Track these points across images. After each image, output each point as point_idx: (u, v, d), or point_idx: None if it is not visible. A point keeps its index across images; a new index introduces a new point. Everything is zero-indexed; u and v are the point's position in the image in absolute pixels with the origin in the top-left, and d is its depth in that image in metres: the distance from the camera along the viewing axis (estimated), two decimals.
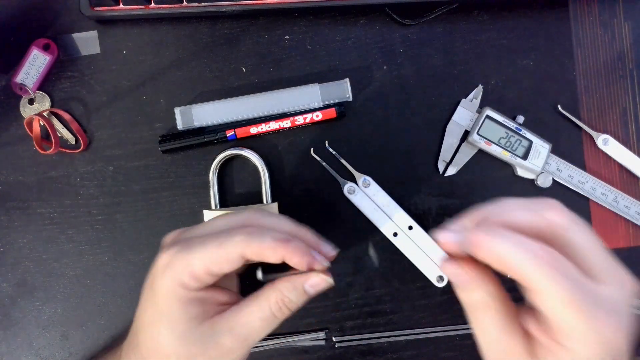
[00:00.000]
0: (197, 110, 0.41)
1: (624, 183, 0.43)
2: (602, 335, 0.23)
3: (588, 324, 0.23)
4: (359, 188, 0.42)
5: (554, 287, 0.23)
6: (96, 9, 0.40)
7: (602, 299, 0.24)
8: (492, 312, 0.27)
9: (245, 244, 0.29)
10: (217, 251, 0.29)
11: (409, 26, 0.43)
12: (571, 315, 0.23)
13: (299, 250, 0.30)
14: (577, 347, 0.24)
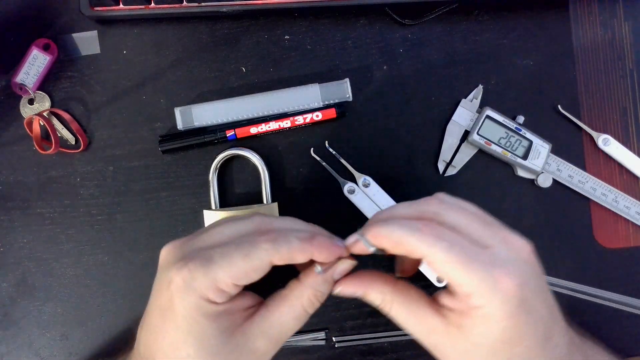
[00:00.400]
0: (197, 110, 0.41)
1: (624, 183, 0.43)
2: (501, 288, 0.26)
3: (485, 281, 0.26)
4: (359, 188, 0.42)
5: (442, 253, 0.26)
6: (96, 9, 0.40)
7: (492, 259, 0.27)
8: (396, 304, 0.30)
9: (274, 250, 0.28)
10: (244, 263, 0.28)
11: (409, 26, 0.43)
12: (466, 276, 0.26)
13: (325, 244, 0.30)
14: (483, 304, 0.26)
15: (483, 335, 0.27)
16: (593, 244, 0.43)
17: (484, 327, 0.27)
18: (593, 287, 0.43)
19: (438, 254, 0.26)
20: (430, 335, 0.29)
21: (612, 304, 0.43)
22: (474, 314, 0.27)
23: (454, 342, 0.28)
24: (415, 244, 0.27)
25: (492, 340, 0.27)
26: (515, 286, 0.26)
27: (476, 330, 0.27)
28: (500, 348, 0.27)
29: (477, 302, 0.26)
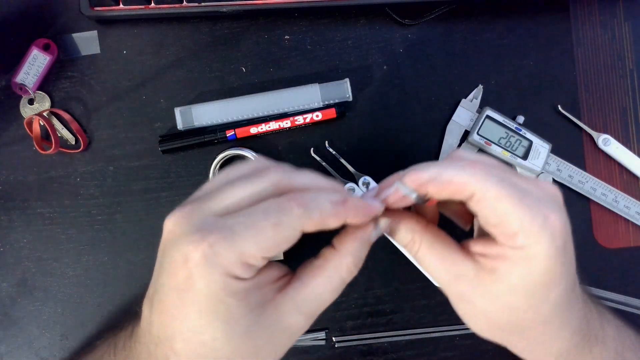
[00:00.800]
0: (197, 110, 0.41)
1: (624, 183, 0.43)
2: (549, 227, 0.25)
3: (535, 219, 0.25)
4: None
5: (494, 188, 0.25)
6: (96, 9, 0.40)
7: (540, 196, 0.26)
8: (425, 245, 0.28)
9: (306, 217, 0.25)
10: (274, 233, 0.24)
11: (409, 26, 0.43)
12: (518, 212, 0.25)
13: (358, 207, 0.27)
14: (529, 244, 0.25)
15: (521, 278, 0.25)
16: (593, 244, 0.43)
17: (524, 269, 0.25)
18: (593, 287, 0.43)
19: (490, 190, 0.25)
20: (459, 282, 0.27)
21: (612, 304, 0.43)
22: (514, 255, 0.25)
23: (484, 288, 0.26)
24: (466, 179, 0.25)
25: (531, 283, 0.25)
26: (562, 225, 0.25)
27: (514, 273, 0.25)
28: (539, 290, 0.26)
29: (522, 241, 0.25)
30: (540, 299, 0.26)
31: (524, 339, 0.29)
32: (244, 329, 0.24)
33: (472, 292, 0.27)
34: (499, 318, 0.27)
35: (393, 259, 0.42)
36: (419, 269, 0.42)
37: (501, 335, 0.29)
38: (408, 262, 0.42)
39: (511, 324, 0.27)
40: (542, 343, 0.29)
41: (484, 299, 0.27)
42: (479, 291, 0.26)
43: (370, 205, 0.27)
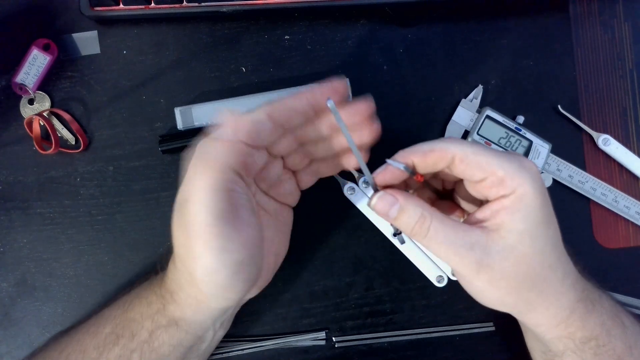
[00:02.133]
0: (197, 110, 0.41)
1: (624, 183, 0.43)
2: (528, 169, 0.29)
3: (513, 163, 0.29)
4: (359, 188, 0.42)
5: (470, 149, 0.29)
6: (96, 9, 0.40)
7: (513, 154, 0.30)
8: (436, 220, 0.30)
9: (269, 104, 0.31)
10: (246, 116, 0.31)
11: (409, 26, 0.43)
12: (497, 160, 0.29)
13: (324, 86, 0.32)
14: (517, 185, 0.28)
15: (522, 221, 0.29)
16: (593, 244, 0.43)
17: (522, 211, 0.28)
18: None
19: (467, 149, 0.29)
20: (474, 250, 0.29)
21: None
22: (509, 203, 0.29)
23: (498, 246, 0.29)
24: (445, 145, 0.30)
25: (530, 223, 0.29)
26: (536, 169, 0.29)
27: (516, 219, 0.28)
28: (539, 229, 0.29)
29: (510, 184, 0.28)
30: (542, 240, 0.29)
31: (540, 295, 0.31)
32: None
33: (488, 255, 0.29)
34: (516, 272, 0.29)
35: (393, 259, 0.42)
36: (419, 269, 0.42)
37: (520, 296, 0.31)
38: (408, 262, 0.42)
39: (527, 276, 0.30)
40: (554, 293, 0.31)
41: (499, 257, 0.29)
42: (494, 250, 0.29)
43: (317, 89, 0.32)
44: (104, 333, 0.34)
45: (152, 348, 0.33)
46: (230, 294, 0.30)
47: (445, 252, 0.30)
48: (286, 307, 0.42)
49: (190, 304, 0.32)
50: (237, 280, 0.29)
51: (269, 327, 0.42)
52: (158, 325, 0.33)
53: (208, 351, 0.38)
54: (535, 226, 0.29)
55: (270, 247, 0.35)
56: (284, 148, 0.34)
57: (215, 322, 0.35)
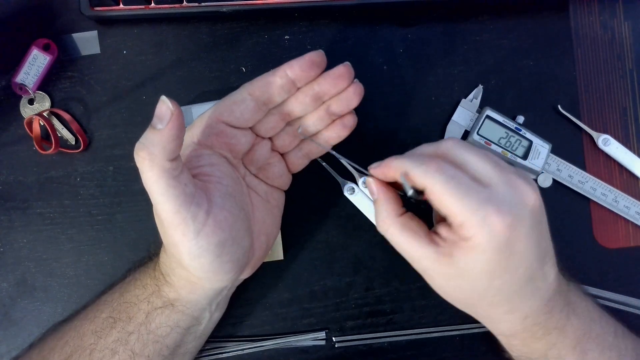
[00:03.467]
0: (197, 110, 0.41)
1: (624, 183, 0.43)
2: (489, 224, 0.28)
3: (475, 215, 0.28)
4: (359, 188, 0.42)
5: (439, 185, 0.29)
6: (96, 9, 0.40)
7: (489, 196, 0.28)
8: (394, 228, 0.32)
9: (249, 84, 0.34)
10: (226, 99, 0.34)
11: (409, 26, 0.43)
12: (460, 207, 0.28)
13: (296, 62, 0.33)
14: (473, 235, 0.28)
15: (468, 265, 0.29)
16: (593, 244, 0.43)
17: (470, 257, 0.29)
18: (593, 287, 0.43)
19: (436, 185, 0.29)
20: (422, 260, 0.31)
21: (612, 304, 0.43)
22: (464, 244, 0.29)
23: (442, 269, 0.31)
24: (418, 174, 0.30)
25: (476, 270, 0.29)
26: (504, 226, 0.28)
27: (463, 260, 0.29)
28: (482, 278, 0.30)
29: (467, 233, 0.28)
30: (484, 286, 0.30)
31: (477, 315, 0.34)
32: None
33: (432, 271, 0.31)
34: (454, 294, 0.32)
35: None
36: None
37: (459, 306, 0.34)
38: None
39: (464, 301, 0.33)
40: (492, 322, 0.34)
41: (441, 278, 0.31)
42: (437, 270, 0.31)
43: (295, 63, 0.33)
44: (101, 318, 0.35)
45: (149, 330, 0.34)
46: (220, 275, 0.32)
47: (400, 252, 0.33)
48: (286, 307, 0.42)
49: (183, 285, 0.33)
50: (223, 262, 0.31)
51: (269, 327, 0.42)
52: (154, 307, 0.34)
53: (206, 333, 0.38)
54: (479, 273, 0.29)
55: (261, 228, 0.36)
56: (270, 128, 0.35)
57: (211, 303, 0.36)
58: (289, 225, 0.42)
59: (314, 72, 0.33)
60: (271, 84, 0.33)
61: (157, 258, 0.36)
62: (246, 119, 0.33)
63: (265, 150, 0.36)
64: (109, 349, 0.34)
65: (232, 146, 0.34)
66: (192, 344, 0.37)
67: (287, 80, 0.33)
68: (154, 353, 0.34)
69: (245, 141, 0.34)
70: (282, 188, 0.39)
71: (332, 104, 0.36)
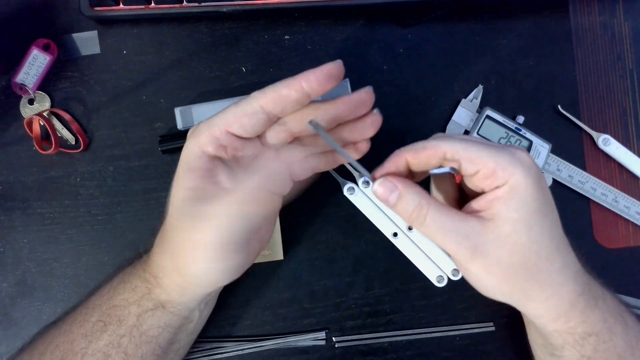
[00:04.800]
0: (197, 110, 0.41)
1: (624, 183, 0.43)
2: (520, 159, 0.29)
3: (504, 155, 0.29)
4: (359, 188, 0.42)
5: (460, 144, 0.30)
6: (96, 9, 0.40)
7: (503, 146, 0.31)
8: (433, 209, 0.30)
9: (261, 93, 0.31)
10: (235, 108, 0.31)
11: (409, 26, 0.43)
12: (488, 153, 0.29)
13: (310, 74, 0.31)
14: (509, 175, 0.29)
15: (516, 211, 0.29)
16: (593, 244, 0.43)
17: (515, 202, 0.29)
18: None
19: (457, 144, 0.30)
20: (470, 237, 0.29)
21: None
22: (502, 193, 0.29)
23: (493, 235, 0.29)
24: (436, 143, 0.30)
25: (524, 213, 0.29)
26: (530, 160, 0.29)
27: (510, 209, 0.29)
28: (534, 219, 0.29)
29: (502, 177, 0.29)
30: (537, 230, 0.29)
31: (536, 285, 0.31)
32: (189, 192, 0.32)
33: (484, 242, 0.29)
34: (511, 261, 0.29)
35: (393, 259, 0.42)
36: (419, 269, 0.42)
37: (516, 285, 0.31)
38: (408, 262, 0.42)
39: (522, 265, 0.30)
40: (552, 286, 0.31)
41: (494, 245, 0.29)
42: (489, 239, 0.29)
43: (310, 75, 0.31)
44: (91, 322, 0.35)
45: (141, 331, 0.34)
46: (217, 281, 0.33)
47: (441, 239, 0.30)
48: (286, 307, 0.42)
49: (174, 289, 0.34)
50: (225, 268, 0.32)
51: (269, 327, 0.42)
52: (145, 309, 0.34)
53: (197, 329, 0.38)
54: (529, 215, 0.29)
55: (256, 234, 0.35)
56: (278, 141, 0.33)
57: (200, 303, 0.36)
58: (289, 225, 0.42)
59: (330, 85, 0.31)
60: (286, 98, 0.31)
61: (146, 257, 0.36)
62: (256, 131, 0.32)
63: (271, 161, 0.34)
64: (101, 352, 0.34)
65: (239, 158, 0.33)
66: (184, 340, 0.37)
67: (303, 94, 0.31)
68: (147, 353, 0.34)
69: (251, 152, 0.33)
70: (282, 194, 0.37)
71: (345, 131, 0.34)
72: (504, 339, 0.42)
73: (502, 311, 0.42)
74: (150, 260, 0.35)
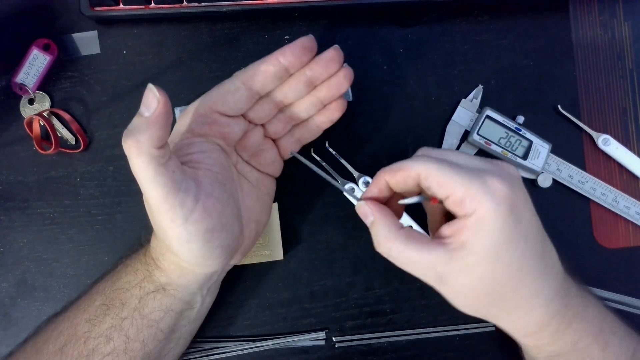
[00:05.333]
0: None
1: (624, 183, 0.43)
2: (492, 189, 0.28)
3: (475, 183, 0.28)
4: (358, 188, 0.42)
5: (434, 167, 0.29)
6: (96, 9, 0.40)
7: (482, 170, 0.29)
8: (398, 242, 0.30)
9: (242, 72, 0.33)
10: (217, 89, 0.34)
11: (409, 26, 0.43)
12: (459, 180, 0.28)
13: (292, 46, 0.34)
14: (477, 206, 0.28)
15: (482, 242, 0.28)
16: (593, 244, 0.43)
17: (482, 233, 0.28)
18: (593, 287, 0.43)
19: (430, 167, 0.29)
20: (435, 267, 0.29)
21: (612, 303, 0.43)
22: (470, 223, 0.28)
23: (458, 265, 0.29)
24: (410, 164, 0.30)
25: (491, 243, 0.28)
26: (506, 190, 0.28)
27: (476, 240, 0.28)
28: (500, 251, 0.28)
29: (471, 205, 0.28)
30: (504, 261, 0.28)
31: (503, 310, 0.31)
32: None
33: (450, 272, 0.29)
34: (477, 291, 0.29)
35: None
36: None
37: (483, 309, 0.31)
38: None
39: (488, 295, 0.30)
40: (519, 311, 0.31)
41: (460, 275, 0.29)
42: (455, 269, 0.29)
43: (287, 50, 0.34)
44: (95, 306, 0.35)
45: (142, 314, 0.34)
46: (210, 260, 0.32)
47: (409, 269, 0.30)
48: (286, 307, 0.42)
49: (173, 270, 0.34)
50: (213, 247, 0.31)
51: (269, 327, 0.42)
52: (146, 292, 0.34)
53: (199, 317, 0.38)
54: (495, 247, 0.28)
55: (250, 215, 0.36)
56: (263, 115, 0.36)
57: (202, 287, 0.36)
58: (289, 225, 0.42)
59: (306, 57, 0.34)
60: (265, 73, 0.33)
61: (147, 244, 0.37)
62: (240, 108, 0.34)
63: (258, 136, 0.37)
64: (103, 335, 0.34)
65: (225, 134, 0.34)
66: (185, 328, 0.37)
67: (280, 68, 0.33)
68: (149, 337, 0.34)
69: (238, 129, 0.35)
70: (274, 175, 0.39)
71: (323, 90, 0.36)
72: (504, 339, 0.42)
73: None
74: (150, 244, 0.36)
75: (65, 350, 0.34)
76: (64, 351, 0.34)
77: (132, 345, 0.34)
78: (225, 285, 0.40)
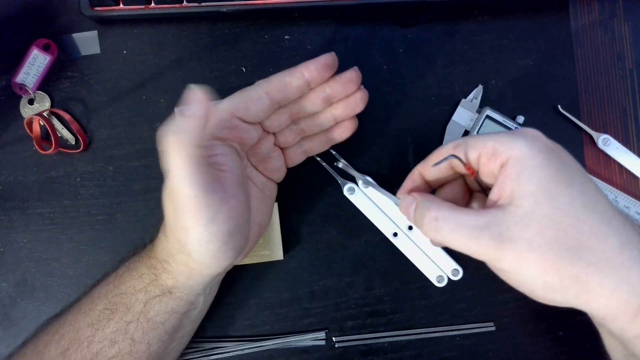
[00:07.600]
0: None
1: (624, 183, 0.43)
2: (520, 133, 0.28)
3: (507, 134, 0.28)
4: (359, 188, 0.42)
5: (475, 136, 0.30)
6: (96, 9, 0.40)
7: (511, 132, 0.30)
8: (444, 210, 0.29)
9: (265, 82, 0.34)
10: (240, 95, 0.34)
11: (409, 26, 0.43)
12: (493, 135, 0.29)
13: (313, 63, 0.34)
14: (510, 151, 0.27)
15: (530, 180, 0.26)
16: None
17: (524, 174, 0.26)
18: None
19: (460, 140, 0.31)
20: (490, 226, 0.26)
21: None
22: (510, 170, 0.27)
23: (515, 216, 0.26)
24: (441, 147, 0.32)
25: (539, 181, 0.26)
26: (538, 133, 0.28)
27: (520, 183, 0.26)
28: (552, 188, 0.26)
29: (503, 150, 0.28)
30: (564, 199, 0.26)
31: (588, 265, 0.25)
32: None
33: (507, 227, 0.26)
34: (545, 240, 0.25)
35: (393, 259, 0.42)
36: (419, 269, 0.42)
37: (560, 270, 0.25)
38: (408, 262, 0.42)
39: (560, 243, 0.25)
40: (612, 268, 0.25)
41: (520, 227, 0.26)
42: (512, 222, 0.26)
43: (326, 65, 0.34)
44: (97, 310, 0.35)
45: (148, 318, 0.34)
46: (221, 261, 0.32)
47: (460, 239, 0.27)
48: (286, 307, 0.42)
49: (182, 271, 0.34)
50: (228, 249, 0.32)
51: (269, 327, 0.42)
52: (152, 296, 0.35)
53: (200, 316, 0.39)
54: (547, 184, 0.25)
55: (255, 217, 0.37)
56: (278, 124, 0.36)
57: (206, 288, 0.36)
58: (289, 225, 0.42)
59: (327, 73, 0.35)
60: (289, 85, 0.34)
61: (150, 247, 0.37)
62: (260, 116, 0.35)
63: (269, 144, 0.37)
64: (107, 339, 0.34)
65: (242, 140, 0.35)
66: (188, 327, 0.38)
67: (304, 82, 0.34)
68: (154, 339, 0.35)
69: (255, 135, 0.35)
70: (277, 181, 0.40)
71: (339, 108, 0.37)
72: (504, 339, 0.42)
73: (502, 311, 0.42)
74: (155, 246, 0.36)
75: (68, 355, 0.34)
76: (67, 355, 0.34)
77: (137, 347, 0.34)
78: (225, 285, 0.40)
